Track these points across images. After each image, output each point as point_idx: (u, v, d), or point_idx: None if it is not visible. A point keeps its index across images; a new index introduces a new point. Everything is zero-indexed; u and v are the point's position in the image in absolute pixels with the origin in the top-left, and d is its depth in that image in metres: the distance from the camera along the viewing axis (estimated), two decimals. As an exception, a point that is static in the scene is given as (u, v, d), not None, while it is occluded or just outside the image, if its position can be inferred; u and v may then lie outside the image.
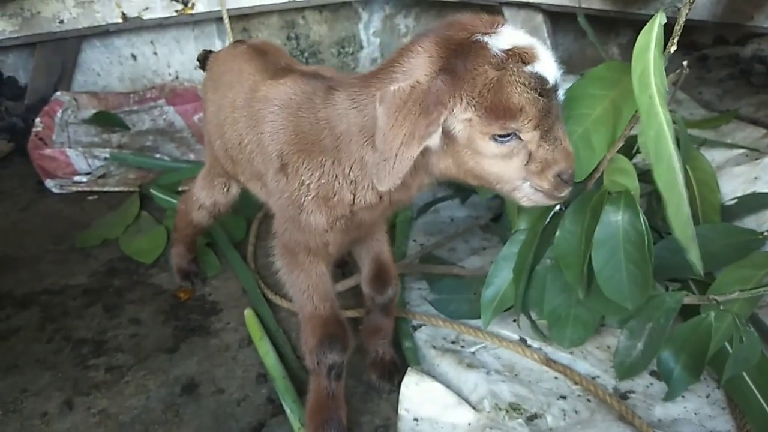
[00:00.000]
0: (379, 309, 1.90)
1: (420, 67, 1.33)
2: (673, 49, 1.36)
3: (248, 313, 2.17)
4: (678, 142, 2.05)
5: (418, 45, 1.36)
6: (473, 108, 1.29)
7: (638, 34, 1.39)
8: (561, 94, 1.36)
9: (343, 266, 2.46)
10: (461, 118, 1.31)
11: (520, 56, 1.28)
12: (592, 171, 1.68)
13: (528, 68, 1.28)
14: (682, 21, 1.31)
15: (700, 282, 1.88)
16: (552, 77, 1.31)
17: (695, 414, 1.73)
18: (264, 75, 1.75)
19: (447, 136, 1.35)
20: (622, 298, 1.62)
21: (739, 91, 3.48)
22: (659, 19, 1.36)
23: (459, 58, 1.29)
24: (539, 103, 1.29)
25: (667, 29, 1.38)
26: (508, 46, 1.28)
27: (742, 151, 2.54)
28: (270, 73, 1.75)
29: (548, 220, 1.73)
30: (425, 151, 1.35)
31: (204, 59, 2.24)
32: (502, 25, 1.33)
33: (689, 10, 1.31)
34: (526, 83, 1.28)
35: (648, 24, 1.39)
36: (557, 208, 1.70)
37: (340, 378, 1.70)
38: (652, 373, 1.86)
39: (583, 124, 1.41)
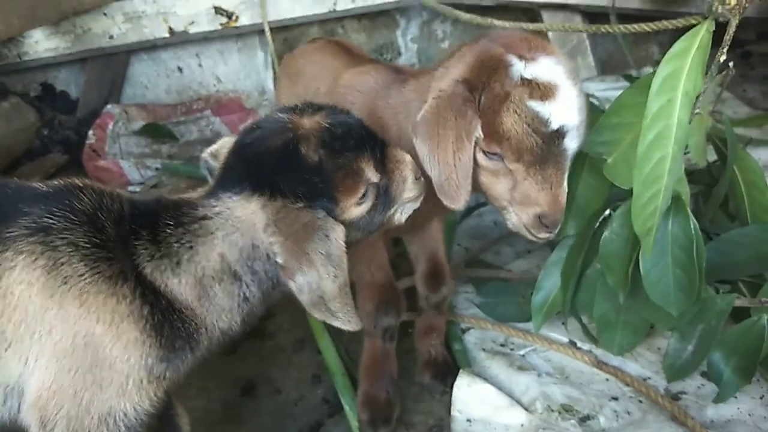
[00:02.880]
0: (432, 308, 1.97)
1: (452, 73, 1.39)
2: (722, 58, 1.37)
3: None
4: (724, 143, 2.07)
5: (464, 49, 1.43)
6: (477, 116, 1.34)
7: (678, 32, 1.39)
8: (572, 142, 1.34)
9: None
10: None
11: (532, 90, 1.29)
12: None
13: (532, 103, 1.28)
14: (731, 31, 1.32)
15: (750, 284, 1.88)
16: (558, 122, 1.29)
17: (749, 415, 1.74)
18: (349, 67, 1.85)
19: None
20: (668, 303, 1.63)
21: (784, 88, 3.43)
22: (707, 26, 1.37)
23: (484, 71, 1.33)
24: (529, 140, 1.30)
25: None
26: (528, 76, 1.30)
27: (789, 150, 2.52)
28: (355, 65, 1.85)
29: (598, 224, 1.75)
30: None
31: None
32: (548, 53, 1.33)
33: (740, 17, 1.32)
34: (522, 116, 1.28)
35: (693, 29, 1.39)
36: (606, 213, 1.72)
37: (393, 339, 1.84)
38: (704, 374, 1.87)
39: (632, 131, 1.43)
